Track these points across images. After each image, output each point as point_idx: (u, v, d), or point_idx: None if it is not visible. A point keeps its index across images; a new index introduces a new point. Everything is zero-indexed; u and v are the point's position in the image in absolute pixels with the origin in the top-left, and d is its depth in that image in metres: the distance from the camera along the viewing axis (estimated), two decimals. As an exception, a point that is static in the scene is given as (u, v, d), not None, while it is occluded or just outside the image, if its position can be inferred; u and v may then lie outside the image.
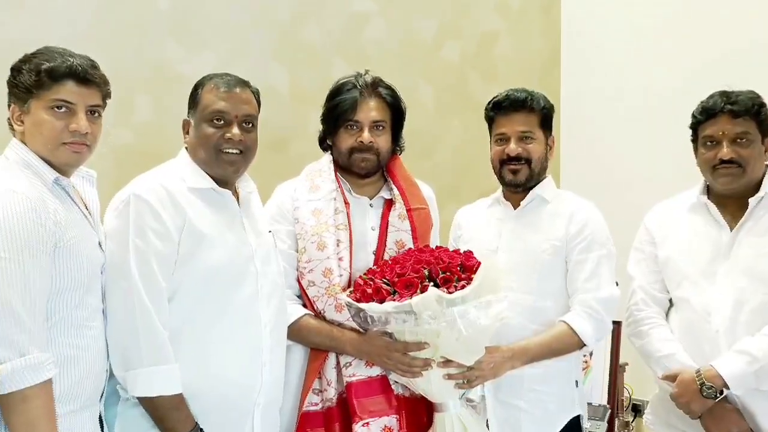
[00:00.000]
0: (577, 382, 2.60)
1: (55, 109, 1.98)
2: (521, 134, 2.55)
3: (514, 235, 2.60)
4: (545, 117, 2.59)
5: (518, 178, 2.56)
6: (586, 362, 3.67)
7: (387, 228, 2.49)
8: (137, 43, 3.31)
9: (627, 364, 3.76)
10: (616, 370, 3.75)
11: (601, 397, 3.72)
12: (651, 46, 4.12)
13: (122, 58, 3.17)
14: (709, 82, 2.70)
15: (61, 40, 2.36)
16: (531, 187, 2.59)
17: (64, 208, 2.00)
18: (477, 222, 2.72)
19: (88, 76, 2.02)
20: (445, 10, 4.16)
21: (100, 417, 2.09)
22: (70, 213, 2.02)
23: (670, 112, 2.72)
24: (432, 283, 2.26)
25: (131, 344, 2.08)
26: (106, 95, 2.08)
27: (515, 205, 2.61)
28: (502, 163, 2.57)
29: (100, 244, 2.10)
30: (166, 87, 3.13)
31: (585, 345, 2.46)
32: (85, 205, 2.13)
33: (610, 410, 3.65)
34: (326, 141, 2.56)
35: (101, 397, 2.09)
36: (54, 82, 1.98)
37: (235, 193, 2.29)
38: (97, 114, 2.05)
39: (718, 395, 2.39)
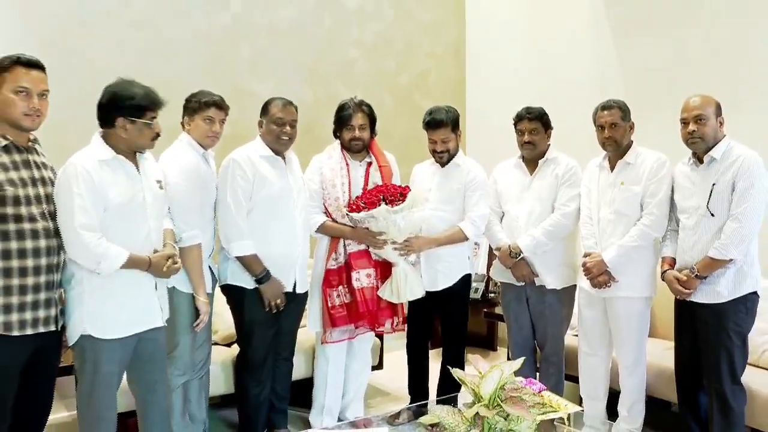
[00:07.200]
0: (469, 257, 2.84)
1: (206, 120, 2.34)
2: (442, 139, 2.72)
3: (440, 182, 2.77)
4: (455, 124, 2.73)
5: (443, 159, 2.76)
6: (476, 250, 3.84)
7: (368, 177, 2.68)
8: (234, 78, 3.57)
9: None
10: (490, 255, 3.70)
11: (483, 270, 3.97)
12: (525, 74, 4.07)
13: (229, 89, 3.21)
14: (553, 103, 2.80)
15: (201, 83, 2.65)
16: (450, 159, 2.77)
17: (206, 167, 2.37)
18: (423, 174, 2.85)
19: (221, 103, 2.38)
20: (401, 56, 4.25)
21: (210, 268, 2.43)
22: (209, 168, 2.40)
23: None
24: (384, 202, 2.50)
25: (228, 230, 2.36)
26: (227, 112, 2.42)
27: (442, 166, 2.78)
28: (434, 152, 2.78)
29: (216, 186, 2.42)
30: (247, 102, 3.26)
31: (468, 239, 2.72)
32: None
33: (486, 276, 3.90)
34: (336, 134, 2.72)
35: (210, 255, 2.41)
36: (206, 107, 2.33)
37: (284, 158, 2.49)
38: (223, 122, 2.41)
39: (517, 256, 2.67)
